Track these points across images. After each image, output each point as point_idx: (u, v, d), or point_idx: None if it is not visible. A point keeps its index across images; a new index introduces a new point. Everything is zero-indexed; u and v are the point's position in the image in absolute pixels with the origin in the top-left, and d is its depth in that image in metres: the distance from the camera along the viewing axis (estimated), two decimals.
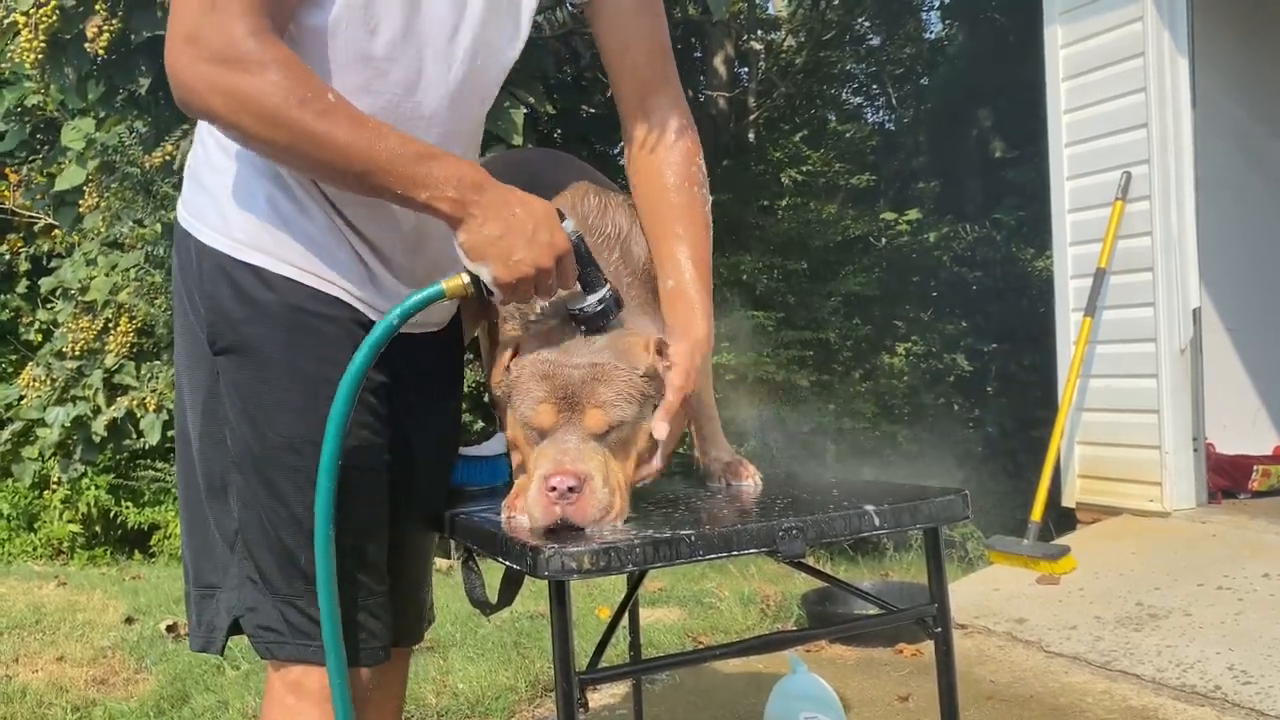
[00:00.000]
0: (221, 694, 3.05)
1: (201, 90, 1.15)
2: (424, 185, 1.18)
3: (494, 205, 1.20)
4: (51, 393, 6.85)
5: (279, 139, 1.16)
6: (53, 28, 5.66)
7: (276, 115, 1.14)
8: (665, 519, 1.29)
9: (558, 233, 1.23)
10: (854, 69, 11.65)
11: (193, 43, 1.14)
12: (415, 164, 1.18)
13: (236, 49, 1.13)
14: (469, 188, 1.19)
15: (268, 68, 1.13)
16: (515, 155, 1.93)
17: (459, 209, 1.19)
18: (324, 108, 1.15)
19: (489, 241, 1.20)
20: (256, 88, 1.13)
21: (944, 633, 1.38)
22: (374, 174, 1.17)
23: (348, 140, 1.15)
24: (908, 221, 9.43)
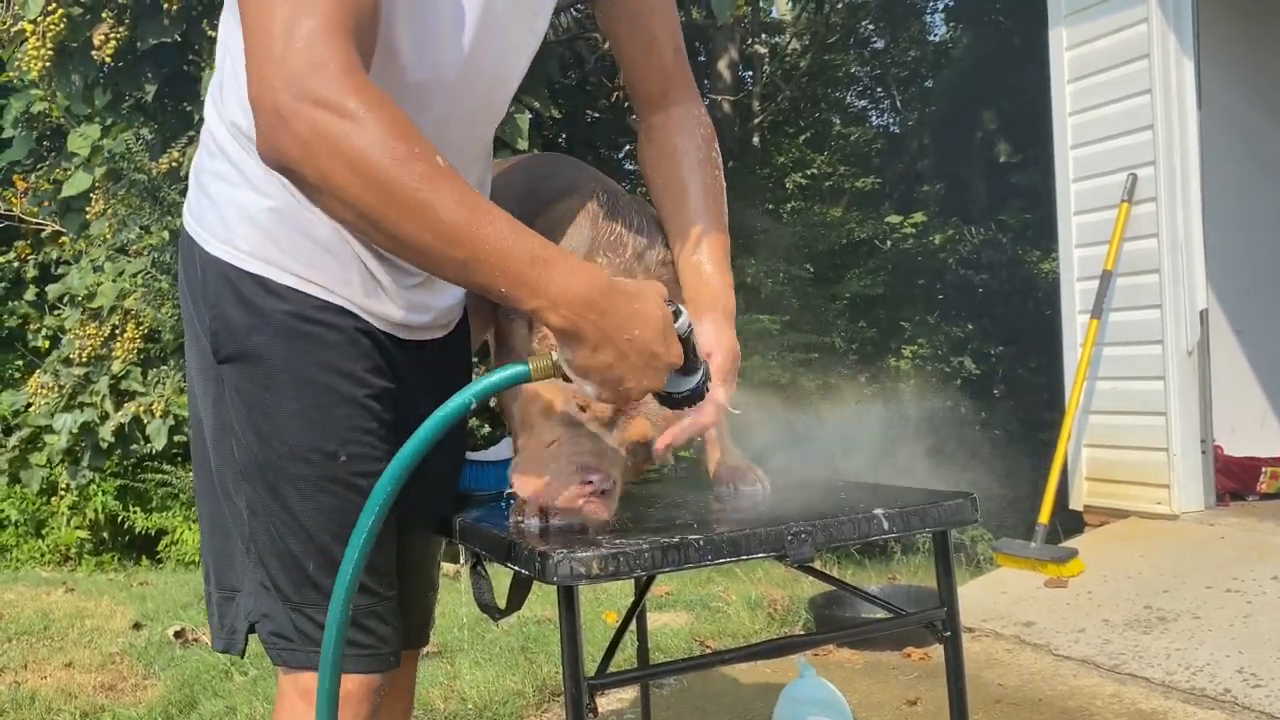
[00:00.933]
0: (230, 700, 3.05)
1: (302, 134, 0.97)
2: (533, 294, 1.02)
3: (611, 330, 1.05)
4: (59, 399, 6.86)
5: (371, 203, 0.98)
6: (60, 35, 5.69)
7: (369, 174, 0.96)
8: (673, 524, 1.29)
9: (674, 347, 1.10)
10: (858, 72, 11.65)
11: (285, 79, 0.97)
12: (528, 267, 1.01)
13: (343, 92, 0.97)
14: (584, 307, 1.04)
15: (371, 114, 0.96)
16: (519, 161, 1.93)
17: (570, 329, 1.05)
18: (429, 171, 0.97)
19: (600, 368, 1.08)
20: (351, 137, 0.96)
21: (953, 636, 1.38)
22: (477, 267, 1.01)
23: (452, 218, 0.98)
24: (913, 224, 9.42)
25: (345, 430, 1.30)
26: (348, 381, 1.29)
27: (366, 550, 1.17)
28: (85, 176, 6.71)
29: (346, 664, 1.30)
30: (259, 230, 1.27)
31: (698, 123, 1.50)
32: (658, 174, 1.49)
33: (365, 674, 1.33)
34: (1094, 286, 4.42)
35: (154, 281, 6.59)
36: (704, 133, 1.50)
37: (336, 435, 1.29)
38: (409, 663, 1.59)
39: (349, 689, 1.31)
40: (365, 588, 1.33)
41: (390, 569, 1.39)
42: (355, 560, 1.19)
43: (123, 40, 5.64)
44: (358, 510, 1.30)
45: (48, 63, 5.78)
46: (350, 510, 1.28)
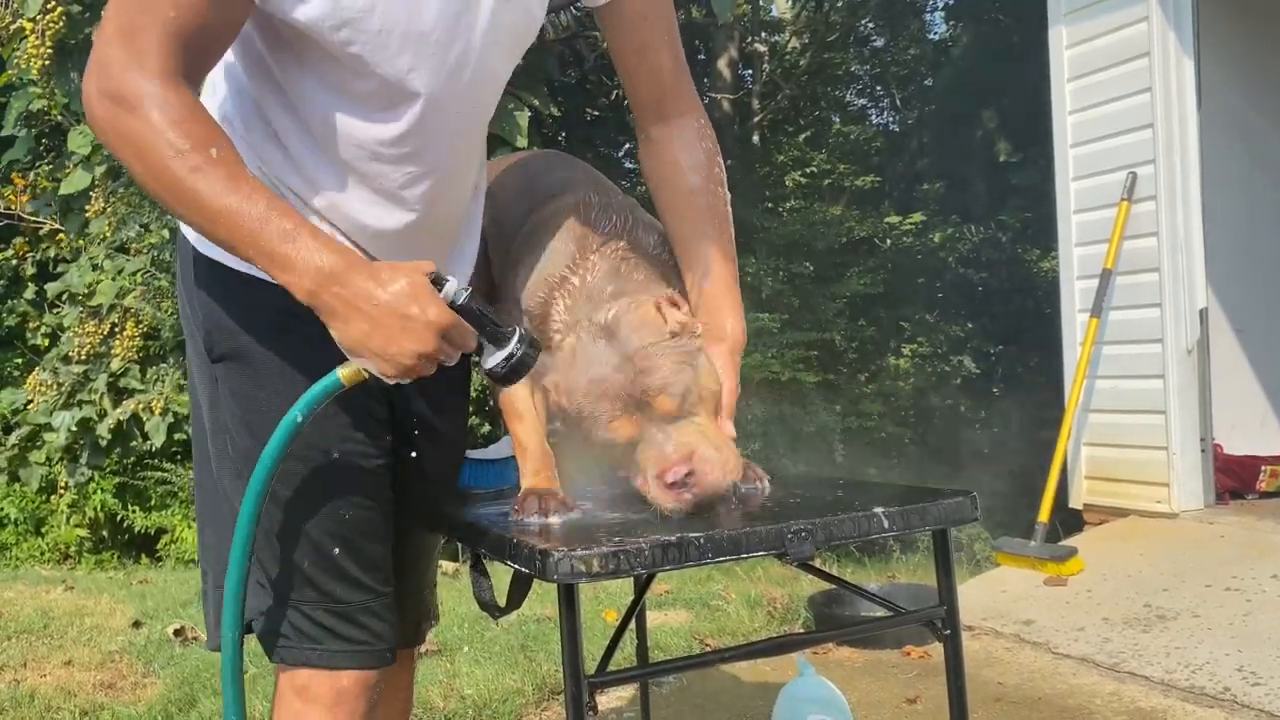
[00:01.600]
0: None
1: (96, 121, 1.12)
2: (284, 268, 1.12)
3: (354, 299, 1.11)
4: (58, 397, 6.86)
5: (156, 189, 1.12)
6: (59, 33, 5.69)
7: (152, 162, 1.10)
8: (673, 522, 1.29)
9: (433, 308, 1.12)
10: (858, 71, 11.65)
11: (98, 71, 1.11)
12: (279, 243, 1.10)
13: (130, 88, 1.09)
14: (325, 279, 1.11)
15: (154, 110, 1.09)
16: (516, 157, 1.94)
17: (317, 302, 1.12)
18: (197, 163, 1.09)
19: (360, 339, 1.13)
20: (137, 129, 1.10)
21: (953, 635, 1.38)
22: (237, 244, 1.12)
23: (212, 204, 1.10)
24: (912, 223, 9.42)
25: (337, 427, 1.32)
26: None
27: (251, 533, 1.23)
28: (84, 175, 6.71)
29: (342, 660, 1.31)
30: None
31: (699, 136, 1.48)
32: (662, 191, 1.49)
33: (361, 670, 1.34)
34: (1094, 285, 4.42)
35: (153, 280, 6.59)
36: (706, 147, 1.48)
37: (329, 432, 1.31)
38: (406, 660, 1.60)
39: (344, 685, 1.33)
40: (361, 584, 1.34)
41: (386, 566, 1.39)
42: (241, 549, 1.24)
43: None
44: (351, 507, 1.32)
45: (47, 61, 5.77)
46: (344, 507, 1.30)
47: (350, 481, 1.32)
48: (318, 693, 1.32)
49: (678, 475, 1.24)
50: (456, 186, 1.38)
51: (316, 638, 1.31)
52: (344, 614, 1.33)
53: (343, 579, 1.33)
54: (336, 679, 1.33)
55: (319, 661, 1.32)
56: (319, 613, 1.31)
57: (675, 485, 1.25)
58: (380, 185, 1.29)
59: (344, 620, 1.33)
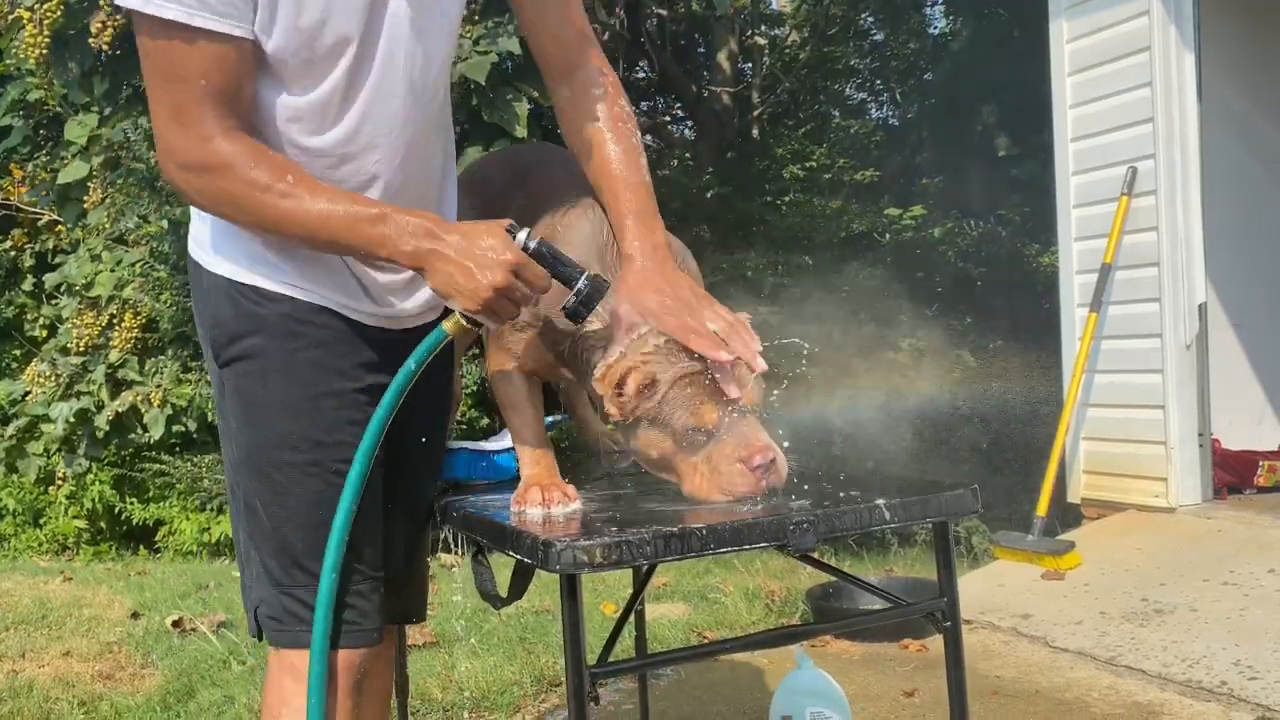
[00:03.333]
0: (228, 689, 3.06)
1: (188, 193, 1.30)
2: (382, 244, 1.28)
3: (444, 248, 1.28)
4: (56, 388, 6.85)
5: (256, 222, 1.30)
6: (57, 23, 5.67)
7: (248, 206, 1.27)
8: (675, 513, 1.29)
9: (506, 249, 1.27)
10: (858, 64, 11.62)
11: (170, 155, 1.27)
12: (371, 226, 1.27)
13: (203, 157, 1.26)
14: (421, 237, 1.28)
15: (231, 167, 1.26)
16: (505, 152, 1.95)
17: (418, 259, 1.29)
18: (284, 190, 1.26)
19: (449, 281, 1.28)
20: (225, 186, 1.27)
21: (953, 627, 1.38)
22: (339, 241, 1.29)
23: (306, 219, 1.27)
24: (912, 217, 9.41)
25: (332, 420, 1.39)
26: (336, 376, 1.40)
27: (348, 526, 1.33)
28: (82, 165, 6.69)
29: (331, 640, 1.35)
30: (256, 247, 1.39)
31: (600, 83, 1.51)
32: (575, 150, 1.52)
33: (348, 649, 1.40)
34: (1093, 280, 4.42)
35: (152, 271, 6.57)
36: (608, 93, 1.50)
37: (324, 424, 1.39)
38: (390, 639, 1.62)
39: (330, 664, 1.38)
40: (350, 567, 1.39)
41: (374, 550, 1.44)
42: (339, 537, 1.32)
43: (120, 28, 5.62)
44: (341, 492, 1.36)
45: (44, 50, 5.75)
46: (336, 496, 1.37)
47: (339, 471, 1.37)
48: (305, 672, 1.37)
49: (765, 459, 1.33)
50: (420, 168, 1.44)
51: (307, 620, 1.37)
52: None
53: None
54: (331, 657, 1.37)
55: (307, 642, 1.37)
56: (310, 596, 1.37)
57: (759, 469, 1.33)
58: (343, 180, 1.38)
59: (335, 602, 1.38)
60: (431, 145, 1.45)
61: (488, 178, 1.71)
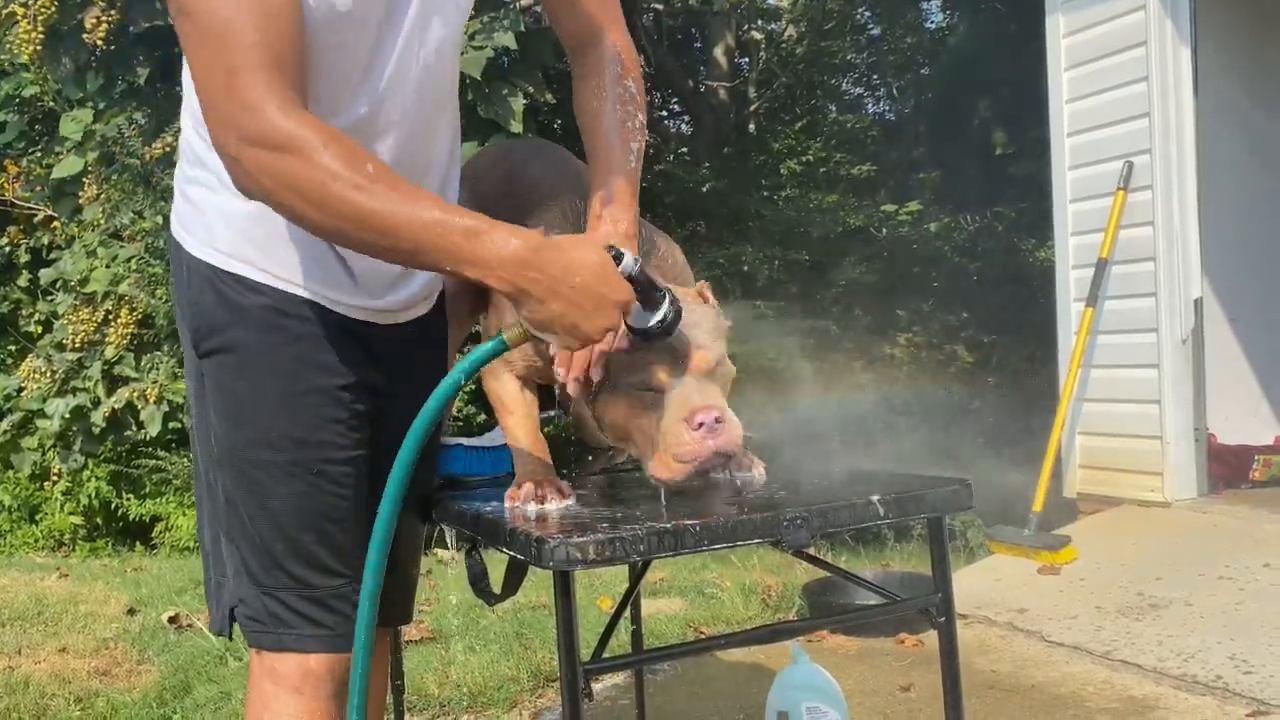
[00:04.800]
0: (224, 685, 3.06)
1: (250, 171, 1.12)
2: (472, 264, 1.13)
3: (552, 282, 1.14)
4: (51, 384, 6.84)
5: (324, 218, 1.12)
6: (51, 18, 5.66)
7: (318, 196, 1.10)
8: (669, 509, 1.29)
9: (620, 286, 1.17)
10: (854, 59, 11.62)
11: (229, 127, 1.12)
12: (463, 241, 1.12)
13: (271, 132, 1.10)
14: (519, 266, 1.13)
15: (303, 148, 1.10)
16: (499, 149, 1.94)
17: (513, 289, 1.14)
18: (361, 182, 1.10)
19: (554, 318, 1.15)
20: (294, 169, 1.10)
21: (947, 622, 1.38)
22: (423, 252, 1.13)
23: (392, 219, 1.11)
24: (908, 212, 9.41)
25: (314, 418, 1.35)
26: (319, 372, 1.35)
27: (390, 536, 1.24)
28: (77, 160, 6.67)
29: (312, 643, 1.36)
30: (238, 232, 1.32)
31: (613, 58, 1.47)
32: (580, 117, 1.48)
33: (329, 653, 1.37)
34: (1089, 274, 4.42)
35: (147, 266, 6.56)
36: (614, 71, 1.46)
37: (306, 422, 1.34)
38: (381, 638, 1.62)
39: (311, 666, 1.36)
40: (332, 570, 1.38)
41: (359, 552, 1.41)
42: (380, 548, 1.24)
43: (114, 23, 5.61)
44: (325, 496, 1.35)
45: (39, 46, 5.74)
46: (317, 496, 1.34)
47: (322, 471, 1.35)
48: (285, 674, 1.36)
49: (709, 418, 1.27)
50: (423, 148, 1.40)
51: (289, 622, 1.35)
52: (316, 599, 1.36)
53: (314, 565, 1.36)
54: (304, 661, 1.36)
55: (289, 644, 1.35)
56: (292, 598, 1.35)
57: (703, 428, 1.27)
58: None
59: (316, 605, 1.36)
60: (438, 131, 1.41)
61: (479, 175, 1.71)
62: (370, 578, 1.25)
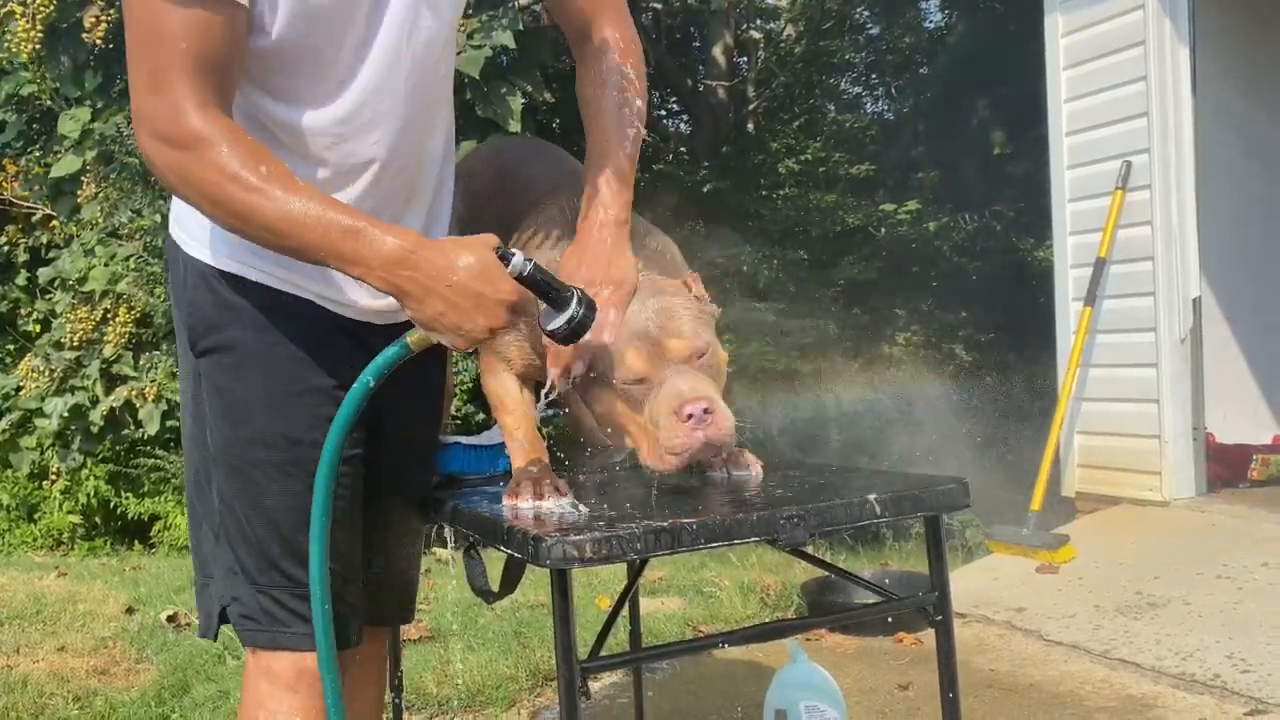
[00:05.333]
0: (222, 684, 3.06)
1: (158, 166, 1.19)
2: (353, 263, 1.17)
3: (428, 280, 1.16)
4: (50, 383, 6.83)
5: (221, 214, 1.18)
6: (50, 17, 5.65)
7: (214, 193, 1.16)
8: (666, 508, 1.29)
9: (503, 285, 1.17)
10: (853, 59, 11.61)
11: (142, 121, 1.17)
12: (343, 241, 1.16)
13: (176, 130, 1.15)
14: (395, 265, 1.16)
15: (202, 146, 1.15)
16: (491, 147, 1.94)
17: (392, 288, 1.17)
18: (251, 184, 1.15)
19: (434, 318, 1.17)
20: (193, 167, 1.16)
21: (945, 621, 1.38)
22: (308, 250, 1.18)
23: (274, 218, 1.16)
24: (907, 211, 9.41)
25: (310, 418, 1.35)
26: (315, 372, 1.35)
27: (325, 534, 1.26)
28: (75, 159, 6.67)
29: (306, 642, 1.36)
30: None
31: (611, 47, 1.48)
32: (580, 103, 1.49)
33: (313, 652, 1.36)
34: (1087, 273, 4.42)
35: (146, 265, 6.56)
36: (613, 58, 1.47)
37: (301, 423, 1.35)
38: (378, 637, 1.62)
39: (306, 665, 1.36)
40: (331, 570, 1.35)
41: (354, 551, 1.43)
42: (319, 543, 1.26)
43: (113, 22, 5.60)
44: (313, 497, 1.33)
45: (37, 45, 5.74)
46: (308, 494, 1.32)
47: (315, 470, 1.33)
48: (280, 672, 1.36)
49: (697, 409, 1.26)
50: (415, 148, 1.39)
51: (284, 621, 1.36)
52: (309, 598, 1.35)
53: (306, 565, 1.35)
54: (299, 659, 1.36)
55: (284, 643, 1.36)
56: (287, 597, 1.36)
57: (692, 419, 1.26)
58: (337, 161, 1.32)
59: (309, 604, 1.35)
60: (432, 126, 1.41)
61: (472, 173, 1.71)
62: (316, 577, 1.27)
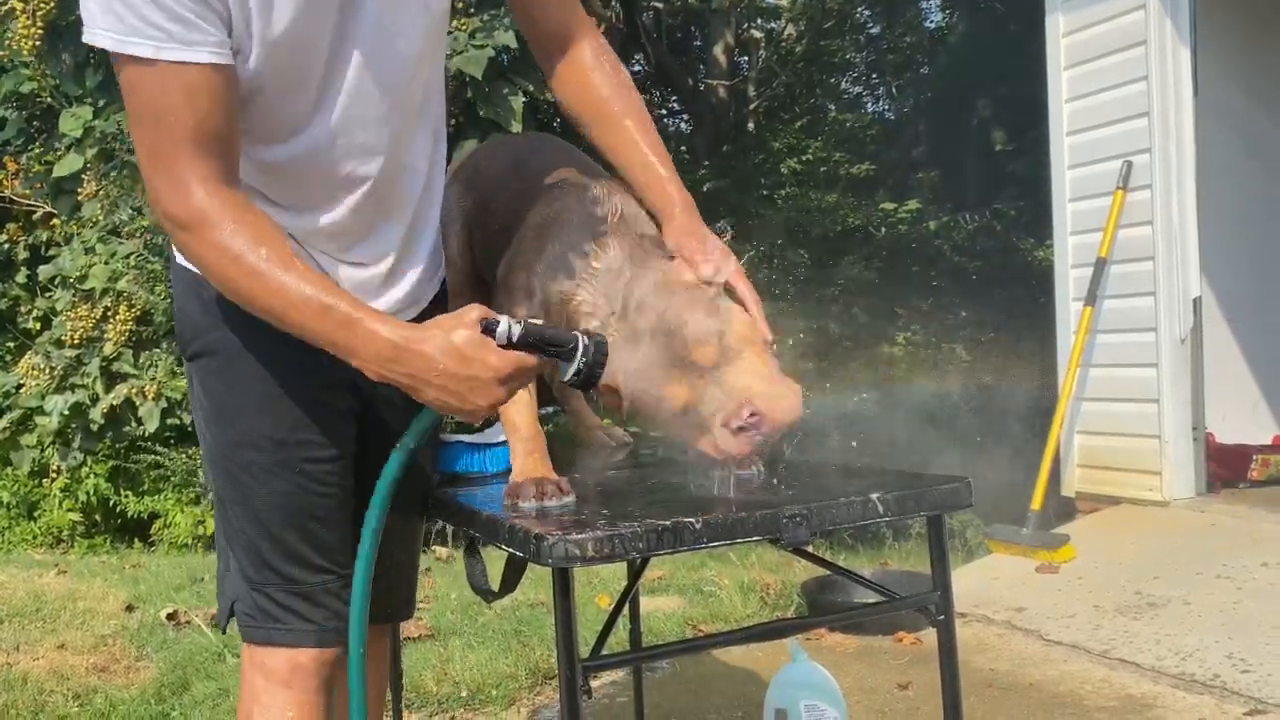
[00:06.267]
0: (222, 681, 3.06)
1: (175, 244, 1.25)
2: (348, 353, 1.19)
3: (418, 373, 1.17)
4: (50, 381, 6.83)
5: (226, 292, 1.22)
6: (50, 14, 5.65)
7: (218, 274, 1.19)
8: (668, 506, 1.29)
9: (492, 361, 1.16)
10: (854, 58, 11.62)
11: (156, 201, 1.20)
12: (338, 332, 1.18)
13: (181, 211, 1.17)
14: (387, 361, 1.17)
15: (205, 227, 1.17)
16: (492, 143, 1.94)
17: (389, 381, 1.19)
18: (254, 266, 1.17)
19: (435, 403, 1.19)
20: (198, 248, 1.19)
21: (947, 620, 1.38)
22: (306, 334, 1.20)
23: (273, 303, 1.18)
24: (908, 211, 9.41)
25: (296, 418, 1.37)
26: (299, 373, 1.36)
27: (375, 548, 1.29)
28: (76, 157, 6.66)
29: (303, 638, 1.38)
30: None
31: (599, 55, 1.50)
32: (584, 113, 1.51)
33: (318, 648, 1.39)
34: (1088, 273, 4.42)
35: (146, 264, 6.56)
36: (610, 61, 1.50)
37: (287, 423, 1.37)
38: (380, 635, 1.62)
39: (301, 661, 1.38)
40: (317, 567, 1.40)
41: (346, 549, 1.42)
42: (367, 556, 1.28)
43: None
44: (308, 495, 1.38)
45: (38, 42, 5.74)
46: (300, 495, 1.37)
47: (304, 470, 1.37)
48: (275, 668, 1.38)
49: (743, 419, 1.24)
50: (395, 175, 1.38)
51: (279, 617, 1.38)
52: (305, 594, 1.39)
53: (299, 563, 1.39)
54: (294, 656, 1.38)
55: (279, 639, 1.38)
56: (280, 594, 1.38)
57: (743, 430, 1.24)
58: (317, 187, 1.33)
59: (305, 600, 1.39)
60: (416, 142, 1.40)
61: (479, 168, 1.70)
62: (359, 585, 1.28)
